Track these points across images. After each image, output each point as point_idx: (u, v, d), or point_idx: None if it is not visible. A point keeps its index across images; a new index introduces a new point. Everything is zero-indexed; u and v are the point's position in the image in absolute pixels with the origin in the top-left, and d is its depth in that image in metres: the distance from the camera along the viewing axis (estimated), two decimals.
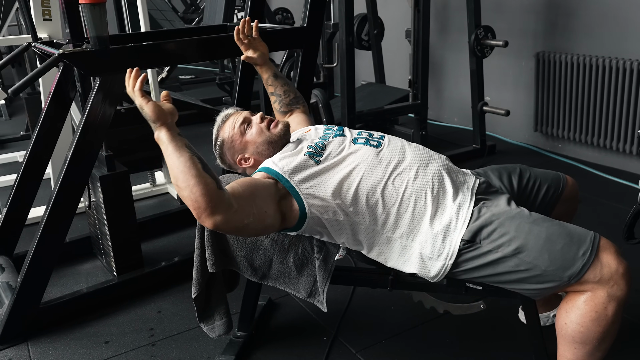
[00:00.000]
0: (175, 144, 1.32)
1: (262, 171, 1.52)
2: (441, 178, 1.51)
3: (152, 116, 1.33)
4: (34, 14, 2.65)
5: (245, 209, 1.35)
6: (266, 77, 1.98)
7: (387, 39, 4.32)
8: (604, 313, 1.32)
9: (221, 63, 6.05)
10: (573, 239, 1.35)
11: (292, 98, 1.96)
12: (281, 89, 1.95)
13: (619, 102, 3.22)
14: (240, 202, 1.35)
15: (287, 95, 1.95)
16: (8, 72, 5.88)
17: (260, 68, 2.00)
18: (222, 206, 1.30)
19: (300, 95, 1.99)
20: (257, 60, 1.97)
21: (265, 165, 1.53)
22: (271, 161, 1.53)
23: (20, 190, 2.36)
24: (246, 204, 1.36)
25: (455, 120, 4.48)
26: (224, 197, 1.31)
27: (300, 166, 1.49)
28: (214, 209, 1.29)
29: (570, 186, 1.74)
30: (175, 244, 2.72)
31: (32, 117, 3.61)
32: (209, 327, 1.78)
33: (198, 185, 1.28)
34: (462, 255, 1.42)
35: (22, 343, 2.01)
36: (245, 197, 1.37)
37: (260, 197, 1.41)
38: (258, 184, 1.44)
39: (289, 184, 1.46)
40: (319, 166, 1.50)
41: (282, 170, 1.48)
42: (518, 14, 3.76)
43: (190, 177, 1.28)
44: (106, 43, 1.94)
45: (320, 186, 1.47)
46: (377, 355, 1.85)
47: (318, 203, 1.46)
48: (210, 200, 1.28)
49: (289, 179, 1.47)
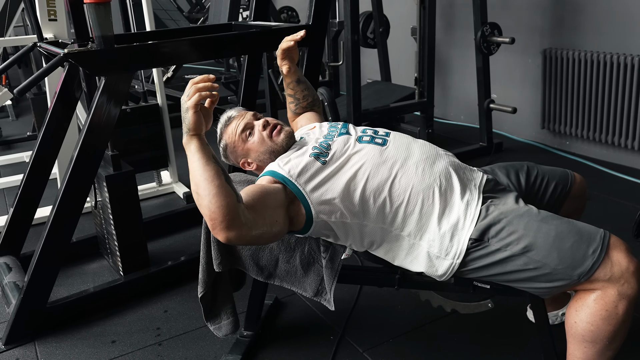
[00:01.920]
0: (204, 153, 1.31)
1: (268, 175, 1.49)
2: (448, 175, 1.49)
3: (192, 125, 1.30)
4: (40, 14, 2.65)
5: (257, 222, 1.33)
6: (289, 81, 1.91)
7: (393, 36, 4.31)
8: (614, 312, 1.30)
9: (226, 62, 6.04)
10: (583, 237, 1.33)
11: (310, 102, 1.92)
12: (301, 93, 1.91)
13: (627, 99, 3.19)
14: (253, 216, 1.32)
15: (306, 99, 1.92)
16: (14, 72, 5.90)
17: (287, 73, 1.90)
18: (238, 222, 1.28)
19: (317, 99, 1.96)
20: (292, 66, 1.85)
21: (271, 168, 1.51)
22: (276, 164, 1.51)
23: (26, 190, 2.37)
24: (258, 217, 1.34)
25: (461, 118, 4.46)
26: (240, 212, 1.28)
27: (307, 169, 1.47)
28: (230, 222, 1.26)
29: (578, 183, 1.73)
30: (182, 243, 2.72)
31: (38, 117, 3.62)
32: (216, 326, 1.78)
33: (219, 195, 1.26)
34: (470, 254, 1.40)
35: (30, 343, 2.01)
36: (257, 210, 1.35)
37: (271, 208, 1.39)
38: (269, 194, 1.41)
39: (296, 189, 1.44)
40: (326, 169, 1.48)
41: (288, 174, 1.46)
42: (524, 11, 3.73)
43: (213, 186, 1.26)
44: (111, 42, 1.94)
45: (327, 190, 1.45)
46: (384, 355, 1.84)
47: (325, 207, 1.45)
48: (228, 213, 1.26)
49: (296, 183, 1.45)
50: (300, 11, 5.30)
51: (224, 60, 5.97)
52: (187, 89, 1.33)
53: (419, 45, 3.60)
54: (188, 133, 1.32)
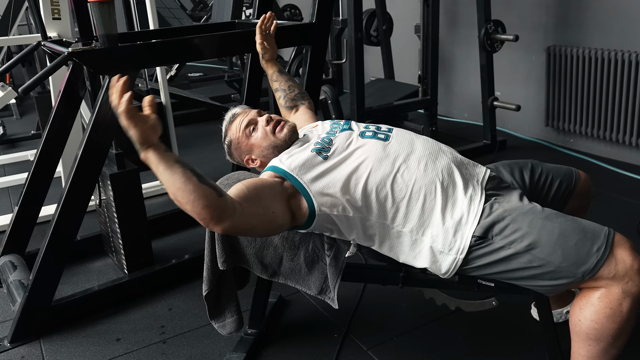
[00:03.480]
0: (166, 163, 1.27)
1: (269, 170, 1.51)
2: (451, 171, 1.49)
3: (139, 139, 1.27)
4: (44, 13, 2.66)
5: (251, 210, 1.36)
6: (271, 73, 2.00)
7: (396, 34, 4.30)
8: (618, 309, 1.30)
9: (230, 60, 6.05)
10: (587, 235, 1.33)
11: (297, 93, 1.95)
12: (285, 84, 1.96)
13: (631, 96, 3.18)
14: (246, 203, 1.35)
15: (292, 90, 1.95)
16: (18, 71, 5.92)
17: (266, 63, 2.02)
18: (227, 212, 1.31)
19: (305, 92, 1.99)
20: (268, 53, 2.00)
21: (272, 164, 1.53)
22: (278, 159, 1.53)
23: (31, 188, 2.37)
24: (252, 205, 1.36)
25: (465, 115, 4.46)
26: (226, 204, 1.31)
27: (308, 163, 1.48)
28: (220, 217, 1.30)
29: (582, 181, 1.72)
30: (186, 241, 2.72)
31: (43, 116, 3.63)
32: (220, 324, 1.78)
33: (198, 199, 1.27)
34: (474, 251, 1.40)
35: (35, 341, 2.02)
36: (250, 198, 1.37)
37: (265, 198, 1.40)
38: (264, 184, 1.44)
39: (297, 182, 1.45)
40: (327, 162, 1.49)
41: (289, 168, 1.47)
42: (528, 8, 3.72)
43: (188, 192, 1.27)
44: (115, 41, 1.94)
45: (328, 183, 1.46)
46: (388, 353, 1.84)
47: (327, 200, 1.45)
48: (214, 211, 1.28)
49: (296, 176, 1.46)
50: (303, 9, 5.30)
51: (226, 58, 5.98)
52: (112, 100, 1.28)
53: (422, 42, 3.59)
54: (142, 147, 1.28)
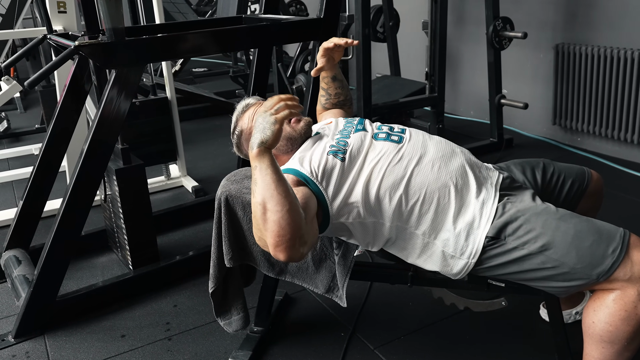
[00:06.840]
0: (277, 168, 1.25)
1: (289, 173, 1.45)
2: (464, 174, 1.47)
3: (272, 138, 1.26)
4: (49, 6, 2.64)
5: (315, 236, 1.32)
6: (324, 76, 1.87)
7: (403, 30, 4.27)
8: (634, 312, 1.28)
9: (234, 56, 6.03)
10: (602, 236, 1.31)
11: (341, 100, 1.90)
12: (334, 90, 1.88)
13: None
14: (311, 230, 1.30)
15: (337, 97, 1.89)
16: (23, 65, 5.91)
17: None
18: (303, 240, 1.23)
19: (350, 99, 1.92)
20: (327, 65, 1.82)
21: (293, 167, 1.47)
22: (297, 162, 1.48)
23: (36, 183, 2.36)
24: (312, 230, 1.32)
25: (471, 113, 4.43)
26: (305, 234, 1.24)
27: (328, 169, 1.44)
28: (297, 241, 1.21)
29: (595, 181, 1.71)
30: (191, 237, 2.71)
31: (47, 110, 3.61)
32: (226, 321, 1.77)
33: (292, 212, 1.20)
34: (487, 252, 1.38)
35: (39, 336, 2.01)
36: (311, 222, 1.32)
37: (315, 218, 1.36)
38: (312, 206, 1.36)
39: (318, 190, 1.42)
40: (344, 170, 1.45)
41: (310, 174, 1.43)
42: (537, 5, 3.69)
43: (287, 202, 1.20)
44: (122, 35, 1.92)
45: (346, 193, 1.43)
46: (395, 352, 1.83)
47: (343, 209, 1.43)
48: (297, 230, 1.20)
49: (319, 185, 1.42)
50: (308, 5, 5.27)
51: (231, 53, 5.96)
52: (272, 103, 1.32)
53: (430, 39, 3.56)
54: (262, 146, 1.25)
